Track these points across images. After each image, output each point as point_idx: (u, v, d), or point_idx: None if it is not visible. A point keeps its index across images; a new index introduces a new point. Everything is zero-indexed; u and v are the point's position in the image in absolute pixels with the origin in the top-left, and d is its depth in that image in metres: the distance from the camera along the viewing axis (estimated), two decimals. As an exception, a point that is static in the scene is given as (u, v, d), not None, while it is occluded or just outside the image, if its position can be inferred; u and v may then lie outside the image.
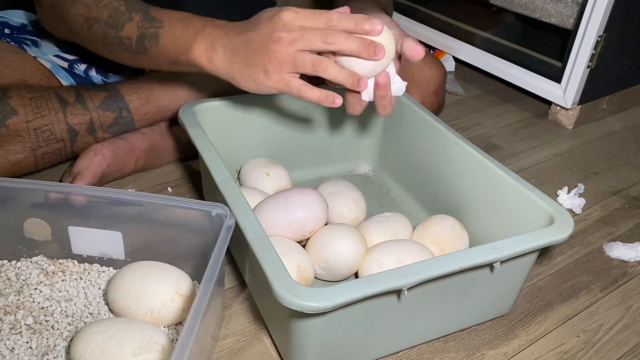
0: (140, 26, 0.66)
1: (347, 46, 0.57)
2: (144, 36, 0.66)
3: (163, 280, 0.59)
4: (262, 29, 0.58)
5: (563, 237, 0.58)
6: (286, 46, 0.57)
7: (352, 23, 0.57)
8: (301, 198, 0.70)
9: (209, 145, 0.68)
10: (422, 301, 0.57)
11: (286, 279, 0.49)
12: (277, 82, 0.59)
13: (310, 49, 0.57)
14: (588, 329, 0.69)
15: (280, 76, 0.58)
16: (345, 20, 0.57)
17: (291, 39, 0.56)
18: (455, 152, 0.75)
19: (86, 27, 0.70)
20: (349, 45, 0.57)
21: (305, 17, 0.57)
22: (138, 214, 0.62)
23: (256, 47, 0.58)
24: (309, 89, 0.59)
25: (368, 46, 0.57)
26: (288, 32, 0.56)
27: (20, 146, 0.76)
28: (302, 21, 0.57)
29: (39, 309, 0.61)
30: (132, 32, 0.67)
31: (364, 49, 0.57)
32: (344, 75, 0.58)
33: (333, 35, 0.57)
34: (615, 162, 1.06)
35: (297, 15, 0.57)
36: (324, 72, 0.58)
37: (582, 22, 1.07)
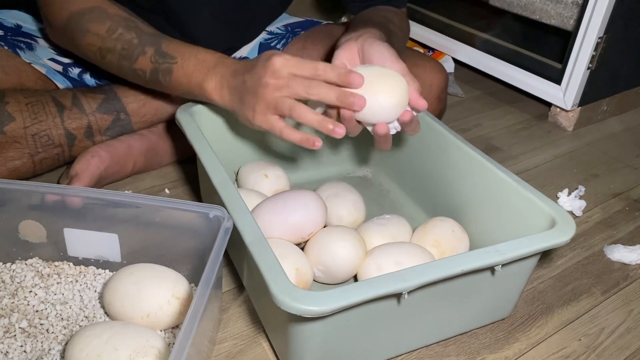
0: (153, 61, 0.70)
1: (328, 96, 0.60)
2: (158, 70, 0.70)
3: (160, 283, 0.58)
4: (255, 73, 0.63)
5: (565, 240, 0.57)
6: (272, 92, 0.61)
7: (335, 76, 0.61)
8: (300, 200, 0.69)
9: (207, 146, 0.67)
10: (422, 305, 0.56)
11: (284, 283, 0.48)
12: (262, 122, 0.63)
13: (294, 97, 0.61)
14: (589, 332, 0.68)
15: (265, 117, 0.63)
16: (329, 72, 0.61)
17: (277, 85, 0.61)
18: (455, 153, 0.74)
19: (99, 56, 0.73)
20: (329, 95, 0.60)
21: (294, 65, 0.61)
22: (135, 216, 0.62)
23: (249, 89, 0.63)
24: (291, 132, 0.63)
25: (346, 97, 0.60)
26: (275, 79, 0.61)
27: (18, 152, 0.76)
28: (290, 69, 0.61)
29: (33, 312, 0.60)
30: (145, 65, 0.71)
31: (342, 99, 0.60)
32: (317, 120, 0.61)
33: (315, 87, 0.60)
34: (616, 164, 1.05)
35: (286, 62, 0.61)
36: (299, 117, 0.61)
37: (582, 24, 1.06)
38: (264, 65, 0.62)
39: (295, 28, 1.00)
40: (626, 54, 1.15)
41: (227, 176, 0.62)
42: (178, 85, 0.70)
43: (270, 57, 0.61)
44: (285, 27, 1.00)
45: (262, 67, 0.62)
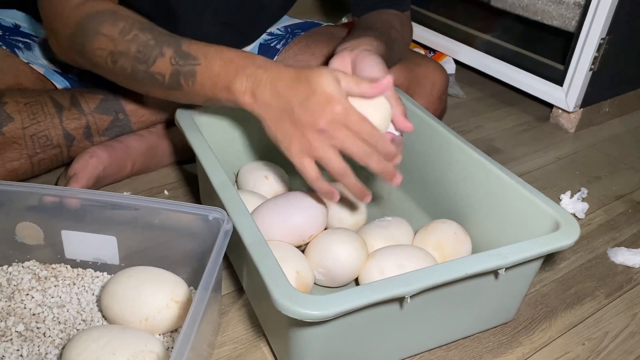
0: (174, 62, 0.63)
1: (375, 168, 0.59)
2: (179, 73, 0.63)
3: (158, 286, 0.58)
4: (308, 109, 0.57)
5: (569, 243, 0.57)
6: (324, 139, 0.57)
7: (385, 151, 0.59)
8: (300, 202, 0.68)
9: (207, 147, 0.67)
10: (424, 309, 0.56)
11: (285, 286, 0.47)
12: (296, 158, 0.59)
13: (341, 151, 0.58)
14: (593, 336, 0.67)
15: (301, 155, 0.59)
16: (380, 145, 0.58)
17: (333, 136, 0.57)
18: (457, 155, 0.73)
19: (111, 62, 0.66)
20: (376, 167, 0.59)
21: (355, 123, 0.57)
22: (133, 218, 0.61)
23: (296, 121, 0.58)
24: (320, 182, 0.60)
25: (390, 174, 0.60)
26: (333, 130, 0.56)
27: (16, 153, 0.75)
28: (350, 123, 0.57)
29: (30, 316, 0.60)
30: (165, 68, 0.64)
31: (385, 174, 0.60)
32: (357, 188, 0.61)
33: (368, 156, 0.58)
34: (618, 166, 1.05)
35: (347, 115, 0.56)
36: (342, 180, 0.60)
37: (584, 25, 1.06)
38: (323, 107, 0.56)
39: (295, 29, 0.99)
40: (629, 56, 1.14)
41: (227, 178, 0.62)
42: (201, 89, 0.63)
43: (333, 100, 0.56)
44: (285, 28, 1.00)
45: (321, 108, 0.56)
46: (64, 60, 0.74)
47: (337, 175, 0.59)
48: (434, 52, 1.37)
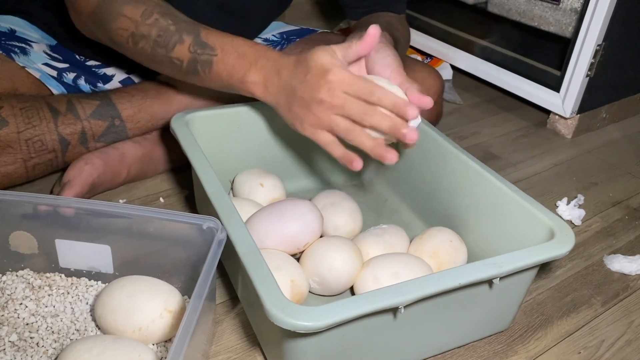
0: (192, 51, 0.68)
1: (381, 125, 0.60)
2: (197, 61, 0.68)
3: (152, 296, 0.57)
4: (307, 84, 0.61)
5: (564, 252, 0.57)
6: (326, 109, 0.61)
7: (389, 104, 0.59)
8: (295, 210, 0.68)
9: (201, 155, 0.66)
10: (418, 318, 0.55)
11: (278, 297, 0.47)
12: (311, 133, 0.64)
13: (347, 117, 0.61)
14: (589, 345, 0.67)
15: (314, 130, 0.63)
16: (385, 100, 0.59)
17: (332, 104, 0.60)
18: (453, 162, 0.73)
19: (132, 43, 0.70)
20: (382, 124, 0.59)
21: (350, 85, 0.59)
22: (127, 227, 0.61)
23: (300, 100, 0.63)
24: (336, 147, 0.63)
25: (398, 129, 0.59)
26: (331, 98, 0.60)
27: (11, 157, 0.75)
28: (346, 87, 0.59)
29: (23, 325, 0.59)
30: (183, 54, 0.68)
31: (394, 131, 0.59)
32: (370, 145, 0.61)
33: (370, 114, 0.59)
34: (615, 172, 1.05)
35: (343, 81, 0.59)
36: (353, 140, 0.61)
37: (581, 31, 1.06)
38: (319, 79, 0.60)
39: (291, 35, 0.99)
40: (625, 61, 1.14)
41: (221, 186, 0.62)
42: (217, 79, 0.68)
43: (327, 71, 0.60)
44: (280, 34, 1.00)
45: (317, 81, 0.60)
46: (87, 35, 0.78)
47: (346, 136, 0.61)
48: (431, 58, 1.37)
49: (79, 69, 0.92)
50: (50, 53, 0.91)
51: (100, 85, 0.93)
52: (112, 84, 0.95)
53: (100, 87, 0.93)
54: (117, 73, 0.96)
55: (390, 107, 0.59)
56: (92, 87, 0.92)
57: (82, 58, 0.95)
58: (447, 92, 1.28)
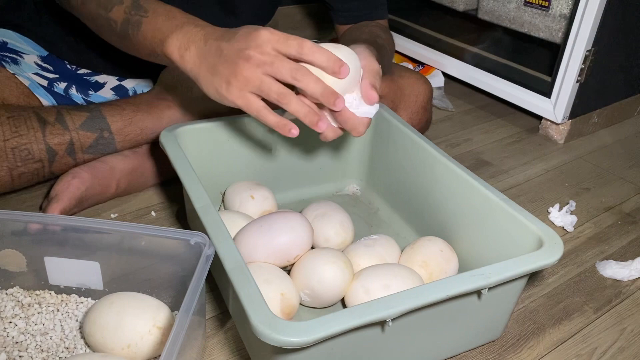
0: (127, 12, 0.67)
1: (312, 88, 0.57)
2: (128, 22, 0.67)
3: (140, 312, 0.57)
4: (235, 43, 0.58)
5: (552, 261, 0.56)
6: (254, 66, 0.57)
7: (323, 58, 0.57)
8: (285, 222, 0.68)
9: (190, 170, 0.66)
10: (408, 330, 0.55)
11: (265, 313, 0.47)
12: (238, 97, 0.59)
13: (276, 77, 0.58)
14: (582, 353, 0.67)
15: (241, 93, 0.59)
16: (317, 54, 0.57)
17: (261, 61, 0.57)
18: (442, 172, 0.73)
19: (80, 3, 0.71)
20: (313, 88, 0.57)
21: (280, 41, 0.57)
22: (115, 243, 0.61)
23: (226, 58, 0.58)
24: (268, 113, 0.59)
25: (329, 95, 0.58)
26: (260, 54, 0.57)
27: None
28: (276, 44, 0.57)
29: (13, 344, 0.59)
30: (119, 15, 0.68)
31: (325, 95, 0.58)
32: (305, 111, 0.59)
33: (302, 74, 0.57)
34: (607, 177, 1.05)
35: (272, 37, 0.57)
36: (287, 104, 0.58)
37: (570, 37, 1.06)
38: (247, 36, 0.57)
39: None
40: (615, 66, 1.15)
41: (210, 201, 0.61)
42: (143, 40, 0.66)
43: (255, 30, 0.57)
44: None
45: (244, 38, 0.58)
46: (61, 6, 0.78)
47: (279, 100, 0.58)
48: (423, 66, 1.37)
49: (71, 79, 0.93)
50: (41, 64, 0.92)
51: (92, 93, 0.94)
52: (103, 92, 0.95)
53: (92, 95, 0.93)
54: (109, 80, 0.96)
55: (324, 64, 0.57)
56: (83, 97, 0.93)
57: (73, 67, 0.95)
58: (439, 99, 1.28)
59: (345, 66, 0.58)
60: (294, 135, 0.59)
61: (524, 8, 1.20)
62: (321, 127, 0.59)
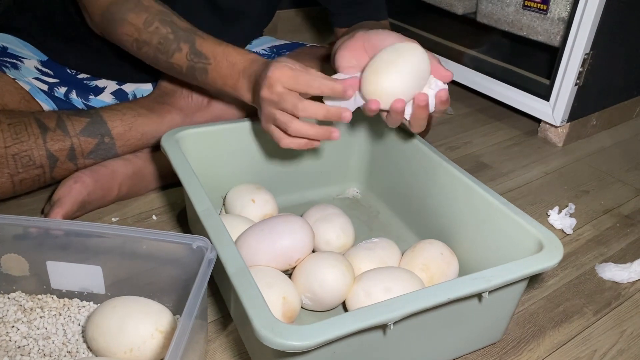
0: (189, 59, 0.73)
1: (315, 116, 0.65)
2: (194, 69, 0.74)
3: (143, 316, 0.57)
4: (258, 84, 0.67)
5: (552, 264, 0.57)
6: (267, 106, 0.67)
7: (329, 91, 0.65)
8: (286, 226, 0.68)
9: (191, 174, 0.67)
10: (409, 333, 0.56)
11: (267, 317, 0.47)
12: (266, 129, 0.70)
13: (285, 111, 0.66)
14: (582, 355, 0.67)
15: (267, 125, 0.69)
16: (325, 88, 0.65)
17: (271, 100, 0.66)
18: (442, 175, 0.74)
19: (136, 48, 0.76)
20: (317, 114, 0.65)
21: (289, 80, 0.64)
22: (117, 247, 0.61)
23: (256, 99, 0.69)
24: (285, 139, 0.68)
25: (334, 114, 0.66)
26: (270, 94, 0.66)
27: None
28: (285, 83, 0.65)
29: (15, 349, 0.59)
30: (182, 62, 0.74)
31: (331, 116, 0.66)
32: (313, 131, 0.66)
33: (303, 109, 0.65)
34: (606, 180, 1.05)
35: (281, 77, 0.64)
36: (292, 131, 0.66)
37: (568, 40, 1.07)
38: (264, 77, 0.66)
39: (281, 49, 1.00)
40: (613, 69, 1.15)
41: (211, 205, 0.62)
42: (213, 84, 0.74)
43: (273, 67, 0.65)
44: (270, 48, 1.01)
45: (262, 79, 0.66)
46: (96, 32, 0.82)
47: (286, 127, 0.66)
48: (422, 69, 1.38)
49: (71, 83, 0.93)
50: (41, 68, 0.92)
51: (92, 97, 0.94)
52: (103, 96, 0.95)
53: (92, 99, 0.94)
54: (109, 85, 0.97)
55: (330, 94, 0.65)
56: (84, 101, 0.93)
57: (73, 71, 0.96)
58: (438, 102, 1.28)
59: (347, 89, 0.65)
60: (311, 146, 0.68)
61: (523, 11, 1.21)
62: (335, 136, 0.67)
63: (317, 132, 0.66)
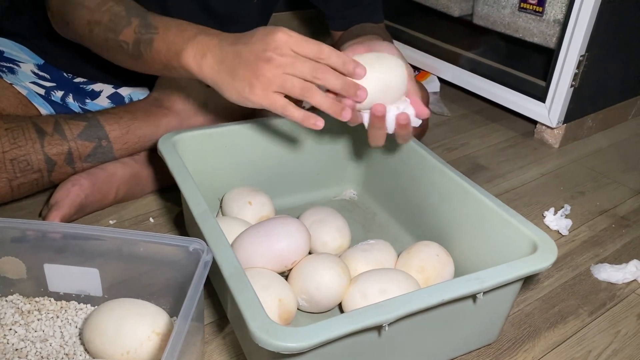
0: (137, 32, 0.68)
1: (332, 84, 0.60)
2: (140, 42, 0.68)
3: (139, 318, 0.58)
4: (253, 45, 0.60)
5: (546, 265, 0.57)
6: (275, 67, 0.59)
7: (339, 62, 0.60)
8: (283, 229, 0.69)
9: (188, 177, 0.67)
10: (404, 334, 0.56)
11: (263, 319, 0.48)
12: (262, 98, 0.60)
13: (297, 76, 0.59)
14: (577, 355, 0.67)
15: (265, 93, 0.60)
16: (334, 57, 0.60)
17: (281, 62, 0.59)
18: (437, 177, 0.74)
19: (88, 30, 0.72)
20: (334, 83, 0.60)
21: (297, 43, 0.59)
22: (114, 250, 0.61)
23: (245, 61, 0.60)
24: (294, 109, 0.61)
25: (350, 87, 0.61)
26: (280, 55, 0.59)
27: None
28: (294, 46, 0.59)
29: (13, 351, 0.60)
30: (129, 36, 0.69)
31: (346, 88, 0.61)
32: (329, 103, 0.61)
33: (322, 72, 0.59)
34: (602, 181, 1.06)
35: (290, 39, 0.59)
36: (311, 98, 0.60)
37: (564, 42, 1.07)
38: (265, 38, 0.59)
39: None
40: (609, 71, 1.16)
41: (208, 208, 0.62)
42: (157, 56, 0.67)
43: (272, 30, 0.59)
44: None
45: (262, 40, 0.59)
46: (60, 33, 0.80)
47: (303, 95, 0.60)
48: (419, 71, 1.38)
49: (67, 87, 0.93)
50: (38, 72, 0.92)
51: (88, 101, 0.94)
52: (100, 100, 0.96)
53: (89, 103, 0.94)
54: (105, 88, 0.97)
55: (340, 66, 0.60)
56: (80, 105, 0.93)
57: (70, 75, 0.96)
58: (435, 104, 1.29)
59: (360, 67, 0.61)
60: (319, 128, 0.61)
61: (519, 13, 1.21)
62: (345, 116, 0.61)
63: (331, 105, 0.60)
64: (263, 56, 0.59)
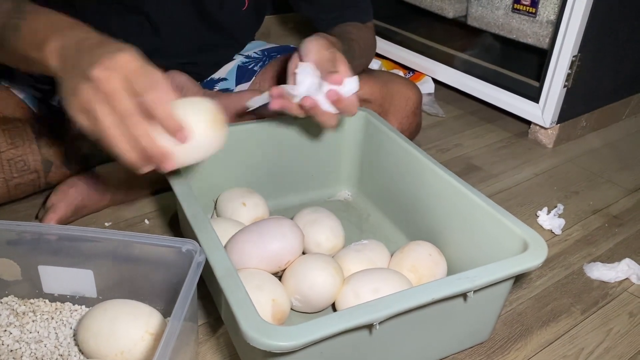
0: (6, 15, 0.60)
1: (135, 144, 0.53)
2: (7, 26, 0.59)
3: (133, 319, 0.58)
4: (92, 56, 0.51)
5: (536, 264, 0.58)
6: (90, 91, 0.50)
7: (162, 119, 0.53)
8: (276, 229, 0.69)
9: (182, 178, 0.68)
10: (396, 333, 0.56)
11: (254, 318, 0.48)
12: (75, 115, 0.53)
13: (109, 113, 0.51)
14: (569, 353, 0.68)
15: (77, 112, 0.52)
16: (159, 110, 0.52)
17: (102, 88, 0.50)
18: (430, 178, 0.75)
19: None
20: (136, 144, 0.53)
21: (134, 73, 0.51)
22: (109, 251, 0.62)
23: (78, 70, 0.52)
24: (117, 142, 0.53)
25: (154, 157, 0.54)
26: (105, 78, 0.50)
27: None
28: (129, 73, 0.51)
29: (7, 352, 0.60)
30: (0, 21, 0.61)
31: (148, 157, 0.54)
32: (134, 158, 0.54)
33: (134, 124, 0.51)
34: (596, 180, 1.06)
35: (129, 65, 0.51)
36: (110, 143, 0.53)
37: (557, 43, 1.08)
38: (105, 53, 0.51)
39: (272, 52, 1.01)
40: (602, 71, 1.16)
41: (201, 209, 0.63)
42: (20, 46, 0.58)
43: (121, 49, 0.51)
44: (262, 51, 1.02)
45: (102, 54, 0.51)
46: None
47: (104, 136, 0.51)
48: (413, 73, 1.39)
49: None
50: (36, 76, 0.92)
51: None
52: None
53: None
54: None
55: (160, 124, 0.53)
56: None
57: None
58: (430, 105, 1.29)
59: (182, 133, 0.54)
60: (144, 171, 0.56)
61: (512, 14, 1.22)
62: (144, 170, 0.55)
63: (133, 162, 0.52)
64: (89, 72, 0.50)
